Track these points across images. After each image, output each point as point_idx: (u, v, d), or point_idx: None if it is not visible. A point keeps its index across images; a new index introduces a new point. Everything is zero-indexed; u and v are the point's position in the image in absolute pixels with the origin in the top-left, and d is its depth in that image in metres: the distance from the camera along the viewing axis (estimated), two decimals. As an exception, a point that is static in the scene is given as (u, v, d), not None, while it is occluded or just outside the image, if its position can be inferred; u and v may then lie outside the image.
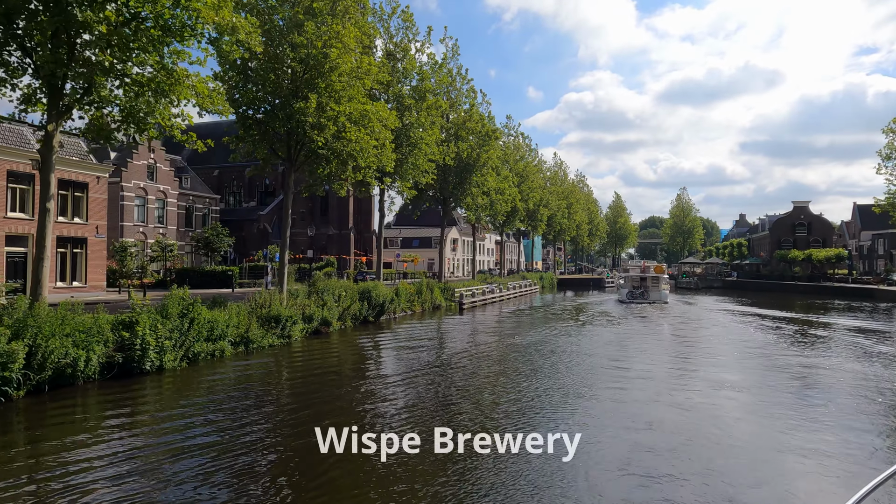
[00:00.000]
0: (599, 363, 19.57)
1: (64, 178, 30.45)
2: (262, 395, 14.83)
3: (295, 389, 15.47)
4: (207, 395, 14.77)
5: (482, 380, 16.89)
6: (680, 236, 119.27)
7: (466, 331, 29.16)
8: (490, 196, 49.13)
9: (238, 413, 12.94)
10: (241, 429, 11.68)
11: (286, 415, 13.04)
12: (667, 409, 13.57)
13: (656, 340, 26.43)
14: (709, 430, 11.88)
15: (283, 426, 12.03)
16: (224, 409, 13.36)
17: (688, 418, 12.73)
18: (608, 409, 13.54)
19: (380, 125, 28.04)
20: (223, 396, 14.60)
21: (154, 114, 16.38)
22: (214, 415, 12.96)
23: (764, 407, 13.82)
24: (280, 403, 14.01)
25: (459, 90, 47.24)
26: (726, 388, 15.90)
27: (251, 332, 20.76)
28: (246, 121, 26.83)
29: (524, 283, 63.76)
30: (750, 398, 14.81)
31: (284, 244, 27.40)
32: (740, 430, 12.02)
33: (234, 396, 14.58)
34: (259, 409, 13.37)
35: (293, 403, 14.00)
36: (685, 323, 34.61)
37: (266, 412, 13.11)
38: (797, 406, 13.81)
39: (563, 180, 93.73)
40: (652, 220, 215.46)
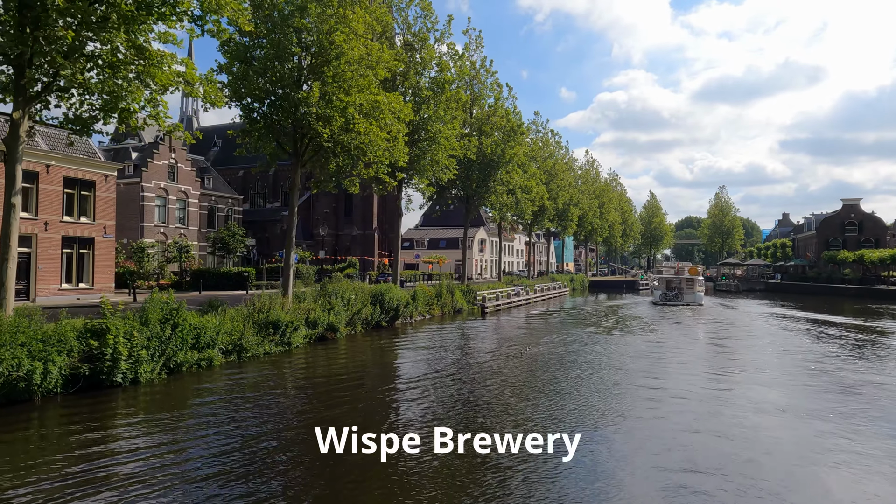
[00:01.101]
0: (627, 379, 17.25)
1: (70, 177, 29.52)
2: (239, 411, 13.06)
3: (279, 404, 13.67)
4: (178, 411, 13.08)
5: (487, 400, 14.79)
6: (719, 237, 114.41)
7: (484, 337, 27.07)
8: (516, 194, 46.89)
9: (208, 433, 11.18)
10: (207, 454, 9.91)
11: (259, 437, 11.22)
12: (707, 440, 11.28)
13: (692, 351, 23.89)
14: (761, 473, 9.58)
15: (256, 450, 10.21)
16: (192, 428, 11.63)
17: (733, 455, 10.43)
18: (637, 440, 11.32)
19: (392, 117, 26.22)
20: (194, 414, 12.89)
21: (127, 99, 14.78)
22: (180, 435, 11.23)
23: (831, 443, 11.39)
24: (255, 422, 12.21)
25: (483, 83, 45.23)
26: (779, 412, 13.48)
27: (245, 339, 19.11)
28: (251, 113, 25.35)
29: (553, 286, 61.23)
30: (811, 429, 12.36)
31: (290, 244, 25.81)
32: (807, 477, 9.68)
33: (206, 413, 12.85)
34: (232, 427, 11.59)
35: (271, 422, 12.18)
36: (724, 329, 31.79)
37: (238, 432, 11.32)
38: (875, 440, 11.35)
39: (594, 179, 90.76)
40: (689, 221, 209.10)
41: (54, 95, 16.03)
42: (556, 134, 69.32)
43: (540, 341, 25.57)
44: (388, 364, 19.96)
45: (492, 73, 45.59)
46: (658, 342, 25.56)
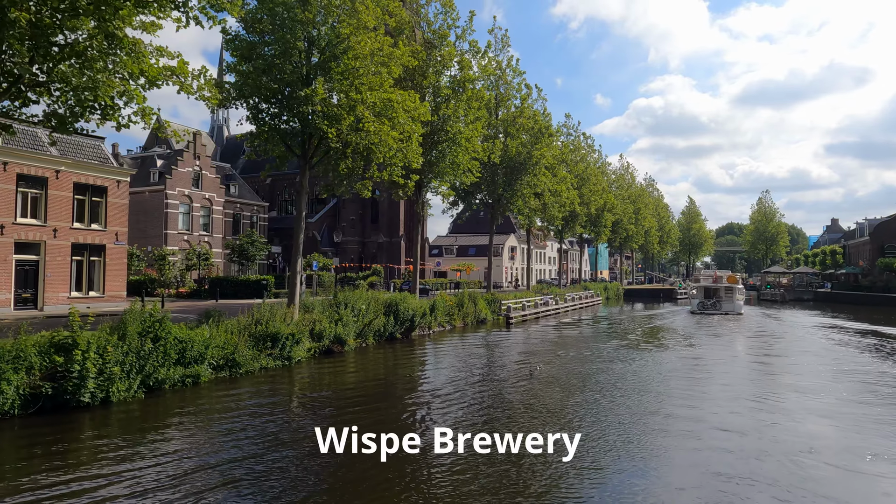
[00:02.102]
0: (655, 404, 15.11)
1: (80, 182, 28.87)
2: (211, 435, 11.52)
3: (255, 428, 12.09)
4: (143, 435, 11.62)
5: (494, 430, 12.89)
6: (762, 243, 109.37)
7: (504, 351, 25.12)
8: (544, 198, 44.79)
9: (169, 462, 9.65)
10: (167, 485, 8.36)
11: (227, 464, 9.62)
12: (758, 495, 9.19)
13: (733, 370, 21.46)
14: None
15: (221, 480, 8.61)
16: (154, 455, 10.12)
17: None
18: (665, 487, 9.31)
19: (406, 116, 24.67)
20: (161, 438, 11.40)
21: (99, 93, 13.53)
22: (138, 463, 9.73)
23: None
24: (224, 447, 10.63)
25: (510, 83, 43.46)
26: (841, 454, 11.23)
27: (238, 353, 17.68)
28: (259, 114, 24.18)
29: (585, 295, 58.69)
30: (887, 483, 10.12)
31: (297, 251, 24.45)
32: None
33: (174, 437, 11.35)
34: (197, 455, 10.04)
35: (242, 448, 10.58)
36: (770, 344, 29.04)
37: (204, 460, 9.76)
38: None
39: (630, 184, 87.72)
40: (730, 227, 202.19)
41: (33, 91, 14.99)
42: (588, 137, 66.84)
43: (561, 356, 23.50)
44: (388, 382, 18.23)
45: (519, 73, 43.83)
46: (694, 359, 23.18)
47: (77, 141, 29.63)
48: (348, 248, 67.87)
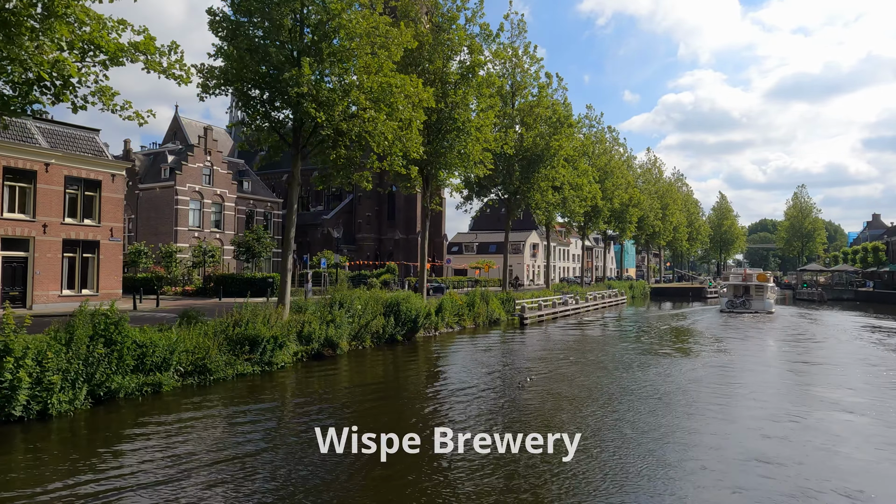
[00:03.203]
0: (672, 426, 12.97)
1: (72, 176, 27.74)
2: (148, 456, 9.84)
3: (200, 448, 10.37)
4: (68, 455, 9.98)
5: (449, 476, 10.95)
6: (797, 240, 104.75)
7: (508, 356, 23.10)
8: (563, 192, 42.50)
9: (92, 487, 8.01)
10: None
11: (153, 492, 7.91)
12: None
13: (765, 380, 19.08)
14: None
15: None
16: (72, 477, 8.48)
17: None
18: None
19: (405, 102, 22.81)
20: (84, 460, 9.75)
21: (27, 63, 11.97)
22: (48, 488, 8.10)
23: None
24: (153, 475, 8.93)
25: (526, 71, 41.28)
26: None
27: (210, 358, 16.06)
28: (249, 101, 22.60)
29: (608, 293, 56.13)
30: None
31: (287, 246, 22.81)
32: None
33: (102, 460, 9.70)
34: (124, 482, 8.36)
35: (172, 480, 8.87)
36: (808, 350, 26.41)
37: (132, 487, 8.07)
38: None
39: (657, 179, 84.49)
40: (763, 224, 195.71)
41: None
42: (612, 130, 64.05)
43: (571, 361, 21.40)
44: (367, 391, 16.40)
45: (536, 61, 41.61)
46: (721, 367, 20.80)
47: (69, 133, 28.54)
48: (364, 246, 66.45)
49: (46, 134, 27.45)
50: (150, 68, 16.09)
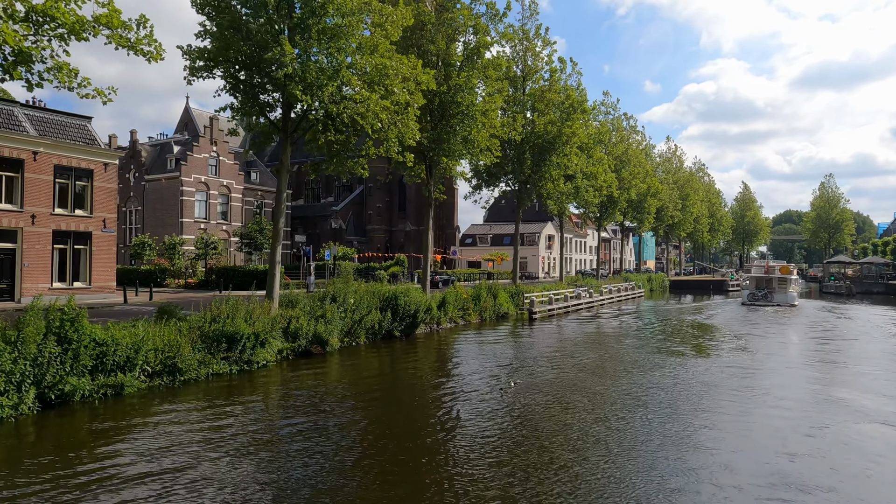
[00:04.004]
0: (679, 442, 11.48)
1: (62, 165, 26.85)
2: (65, 478, 8.67)
3: (140, 456, 9.19)
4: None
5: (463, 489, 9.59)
6: (824, 231, 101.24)
7: (507, 354, 21.66)
8: (576, 181, 40.77)
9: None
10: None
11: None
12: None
13: (790, 383, 17.41)
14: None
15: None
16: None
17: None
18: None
19: (400, 84, 21.39)
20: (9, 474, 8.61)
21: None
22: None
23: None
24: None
25: (538, 55, 39.53)
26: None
27: (181, 357, 14.92)
28: (238, 84, 21.36)
29: (625, 287, 54.24)
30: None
31: (276, 237, 21.61)
32: None
33: (26, 475, 8.55)
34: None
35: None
36: (839, 349, 24.54)
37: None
38: None
39: (677, 169, 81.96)
40: (788, 215, 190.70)
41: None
42: (629, 117, 61.84)
43: (573, 360, 19.91)
44: (344, 395, 15.12)
45: (549, 44, 39.82)
46: (740, 367, 19.13)
47: (59, 120, 27.65)
48: (375, 237, 65.32)
49: (34, 121, 26.57)
50: (116, 44, 14.95)
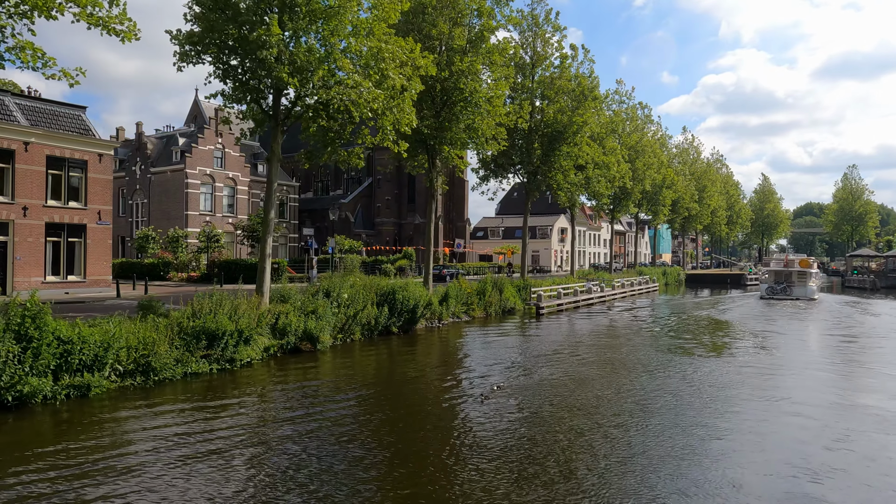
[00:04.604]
0: (696, 455, 10.34)
1: (55, 156, 26.22)
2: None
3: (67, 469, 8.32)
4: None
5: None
6: (847, 224, 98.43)
7: (507, 352, 20.58)
8: (587, 171, 39.44)
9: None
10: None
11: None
12: None
13: (809, 384, 16.14)
14: None
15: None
16: None
17: None
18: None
19: (395, 69, 20.31)
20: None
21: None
22: None
23: None
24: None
25: (548, 41, 38.19)
26: None
27: (156, 355, 14.07)
28: (229, 70, 20.44)
29: (638, 281, 52.80)
30: None
31: (266, 228, 20.70)
32: None
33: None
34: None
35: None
36: (864, 348, 23.13)
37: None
38: None
39: (694, 160, 79.99)
40: (809, 207, 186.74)
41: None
42: (644, 106, 60.08)
43: (575, 360, 18.79)
44: (324, 396, 14.17)
45: (559, 30, 38.41)
46: (757, 368, 17.86)
47: (52, 110, 27.01)
48: (383, 230, 64.44)
49: (26, 111, 25.93)
50: (86, 22, 14.08)
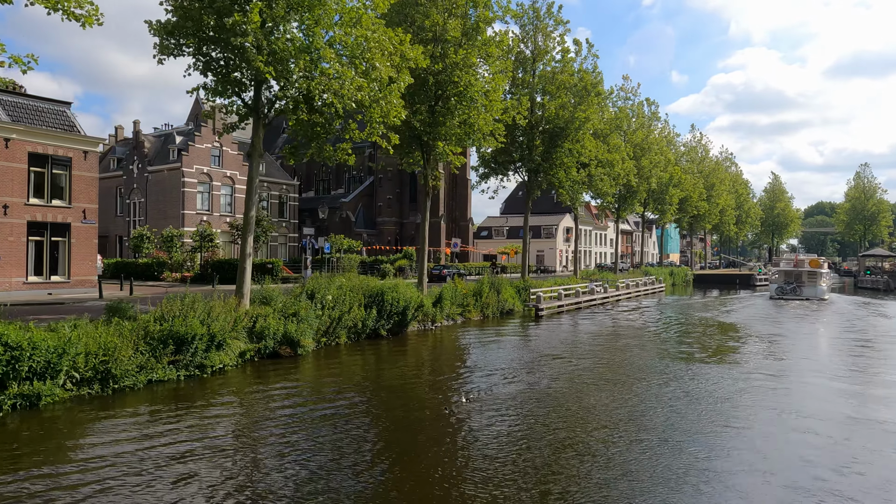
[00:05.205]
0: (692, 481, 9.29)
1: (38, 153, 25.48)
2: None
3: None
4: None
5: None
6: (859, 223, 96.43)
7: (504, 357, 19.53)
8: (590, 169, 38.32)
9: None
10: None
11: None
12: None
13: (822, 395, 15.01)
14: None
15: None
16: None
17: None
18: None
19: (383, 59, 19.36)
20: None
21: None
22: None
23: None
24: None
25: (549, 35, 37.11)
26: None
27: (116, 361, 13.17)
28: (210, 62, 19.56)
29: (644, 281, 51.57)
30: None
31: (246, 229, 19.79)
32: None
33: None
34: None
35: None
36: (881, 354, 21.92)
37: None
38: None
39: (702, 158, 78.55)
40: (820, 207, 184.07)
41: None
42: (651, 103, 58.76)
43: (570, 366, 17.74)
44: (283, 407, 13.21)
45: (561, 23, 37.30)
46: (764, 376, 16.72)
47: (35, 106, 26.28)
48: (385, 230, 63.54)
49: (7, 106, 25.21)
50: (40, 5, 13.22)
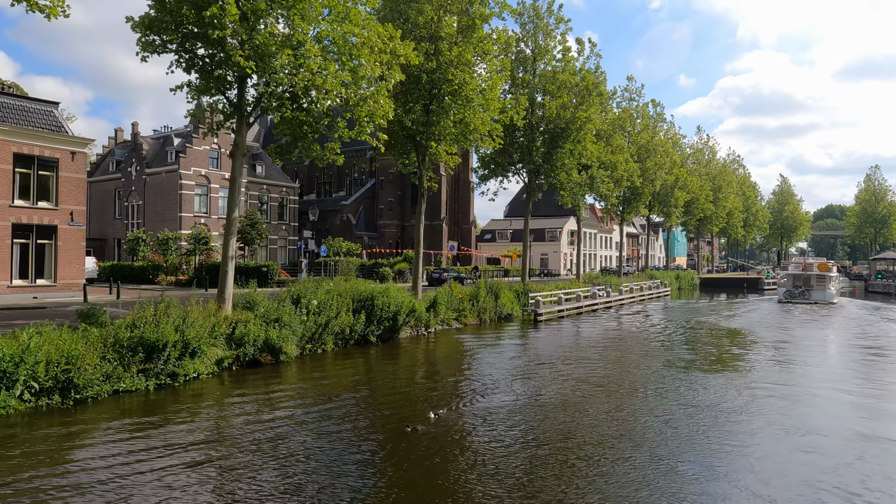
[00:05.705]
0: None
1: (22, 153, 24.91)
2: None
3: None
4: None
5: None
6: (870, 226, 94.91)
7: (494, 366, 18.69)
8: (591, 171, 37.48)
9: None
10: None
11: None
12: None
13: (831, 417, 14.09)
14: None
15: None
16: None
17: None
18: None
19: (370, 56, 18.64)
20: None
21: None
22: None
23: None
24: None
25: (550, 34, 36.36)
26: None
27: (79, 370, 12.46)
28: (193, 59, 18.93)
29: (649, 285, 50.56)
30: None
31: (228, 231, 19.09)
32: None
33: None
34: None
35: None
36: (890, 364, 20.94)
37: None
38: None
39: (709, 160, 77.42)
40: (829, 210, 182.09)
41: None
42: (657, 104, 57.81)
43: (563, 377, 16.90)
44: (251, 420, 12.43)
45: (562, 21, 36.54)
46: (769, 387, 15.83)
47: (20, 105, 25.74)
48: (386, 233, 62.85)
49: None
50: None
